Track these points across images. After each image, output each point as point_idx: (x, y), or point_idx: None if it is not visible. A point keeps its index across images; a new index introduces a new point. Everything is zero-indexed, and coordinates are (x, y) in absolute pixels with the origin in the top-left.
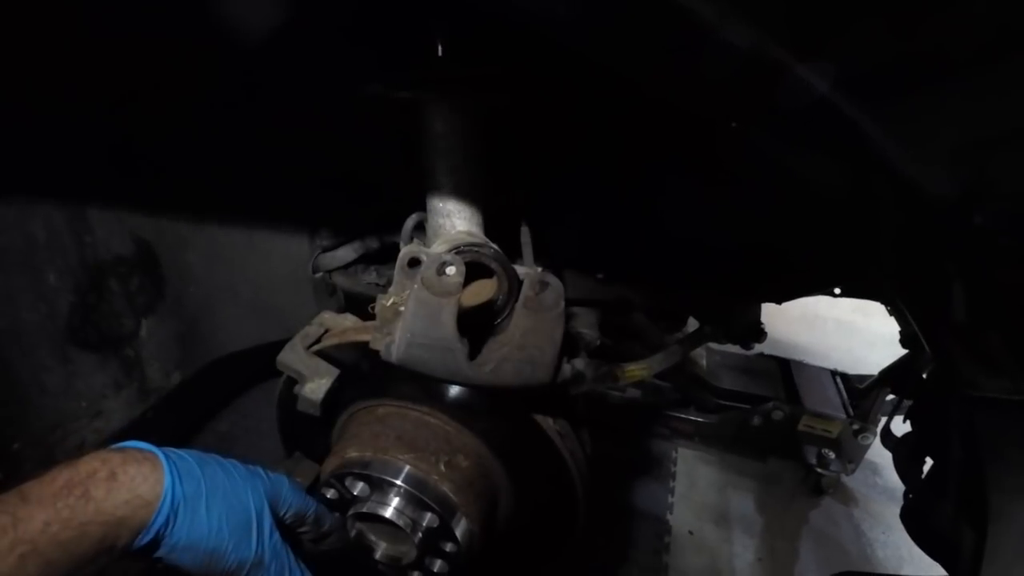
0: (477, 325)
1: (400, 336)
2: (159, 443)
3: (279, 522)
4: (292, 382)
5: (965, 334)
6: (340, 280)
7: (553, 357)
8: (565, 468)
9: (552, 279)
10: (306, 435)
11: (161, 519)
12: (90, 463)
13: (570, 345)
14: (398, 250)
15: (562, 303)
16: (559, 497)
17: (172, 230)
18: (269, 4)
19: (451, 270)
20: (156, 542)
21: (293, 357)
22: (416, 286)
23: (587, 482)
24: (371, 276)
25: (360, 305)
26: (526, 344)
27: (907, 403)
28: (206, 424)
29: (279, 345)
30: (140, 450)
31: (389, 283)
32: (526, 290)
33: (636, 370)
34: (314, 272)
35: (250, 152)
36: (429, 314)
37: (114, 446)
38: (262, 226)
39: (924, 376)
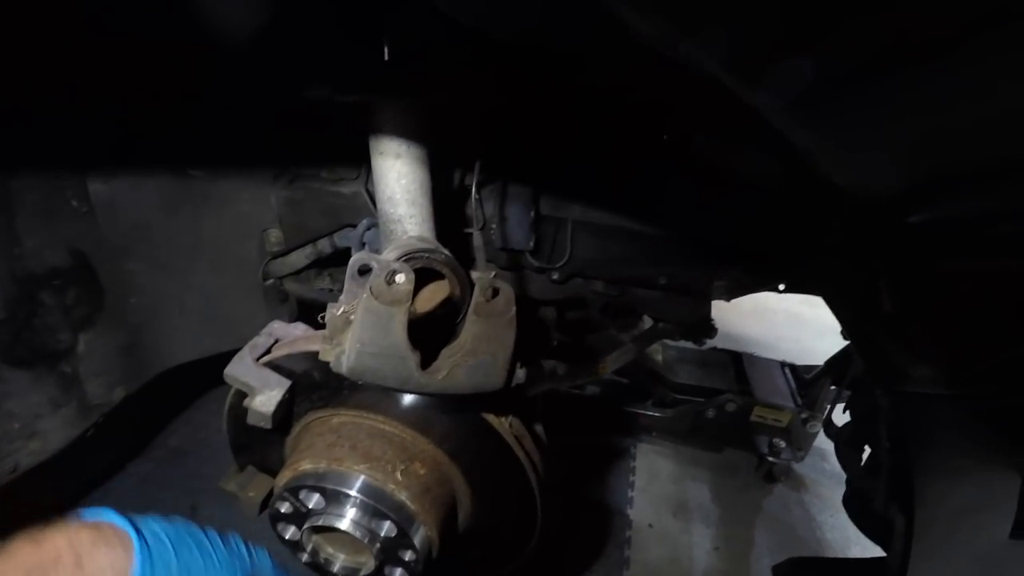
0: (431, 330)
1: (350, 346)
2: (112, 461)
3: None
4: (242, 395)
5: (891, 325)
6: (292, 286)
7: (505, 361)
8: (522, 470)
9: (503, 284)
10: (259, 448)
11: None
12: (55, 542)
13: (526, 346)
14: (351, 254)
15: (513, 308)
16: (518, 498)
17: (110, 239)
18: (242, 10)
19: (400, 278)
20: None
21: (241, 369)
22: (365, 295)
23: (545, 483)
24: (324, 281)
25: (313, 312)
26: (478, 350)
27: (847, 393)
28: (155, 439)
29: (231, 355)
30: (114, 528)
31: (343, 288)
32: (477, 296)
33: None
34: (264, 279)
35: (195, 151)
36: (379, 323)
37: (85, 516)
38: (208, 231)
39: (854, 371)
